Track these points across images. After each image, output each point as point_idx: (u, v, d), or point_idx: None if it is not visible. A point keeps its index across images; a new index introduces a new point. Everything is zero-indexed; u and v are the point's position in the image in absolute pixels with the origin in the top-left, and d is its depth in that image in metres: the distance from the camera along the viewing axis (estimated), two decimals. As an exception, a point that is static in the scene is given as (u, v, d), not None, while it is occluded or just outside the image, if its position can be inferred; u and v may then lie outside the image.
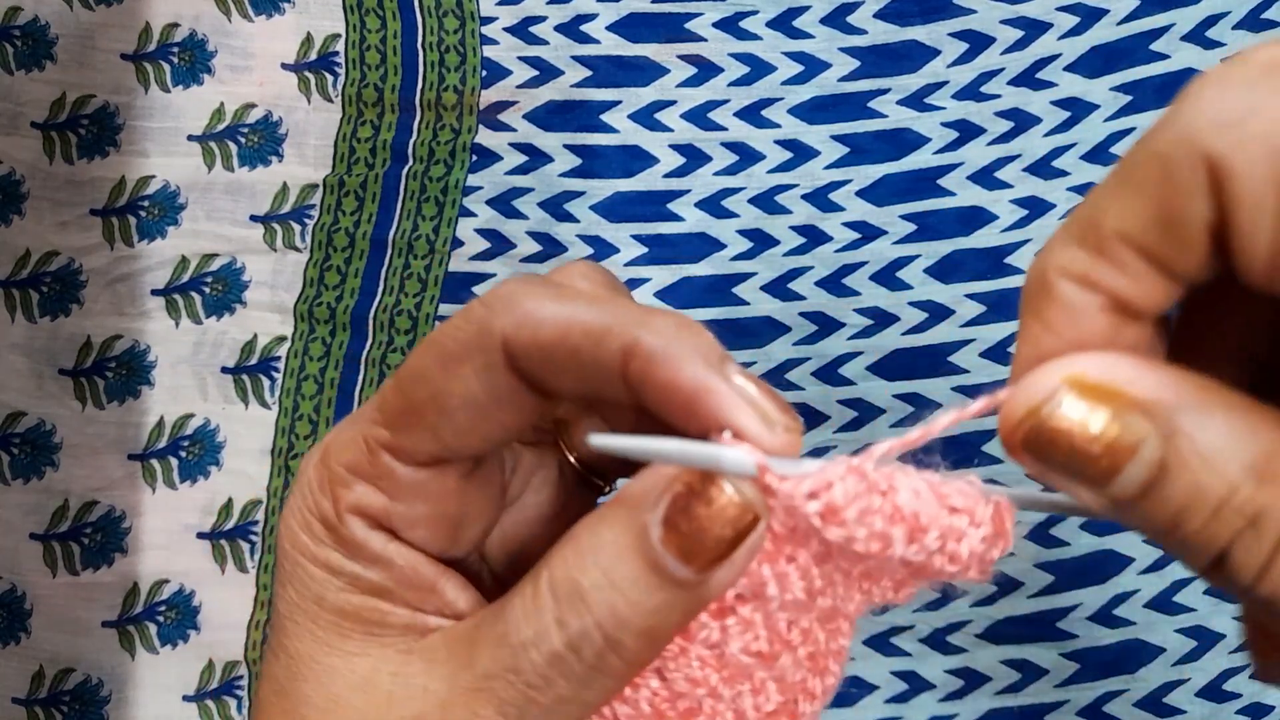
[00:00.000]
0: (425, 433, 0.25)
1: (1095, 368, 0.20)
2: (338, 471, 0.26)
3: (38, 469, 0.54)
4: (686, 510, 0.23)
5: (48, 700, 0.53)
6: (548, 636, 0.23)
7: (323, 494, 0.26)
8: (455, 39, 0.55)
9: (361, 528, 0.26)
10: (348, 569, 0.26)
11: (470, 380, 0.24)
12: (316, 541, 0.26)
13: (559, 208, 0.55)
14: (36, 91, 0.55)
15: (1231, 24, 0.53)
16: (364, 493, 0.26)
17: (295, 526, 0.27)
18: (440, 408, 0.25)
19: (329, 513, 0.26)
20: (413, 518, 0.26)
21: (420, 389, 0.25)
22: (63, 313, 0.54)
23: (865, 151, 0.54)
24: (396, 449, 0.26)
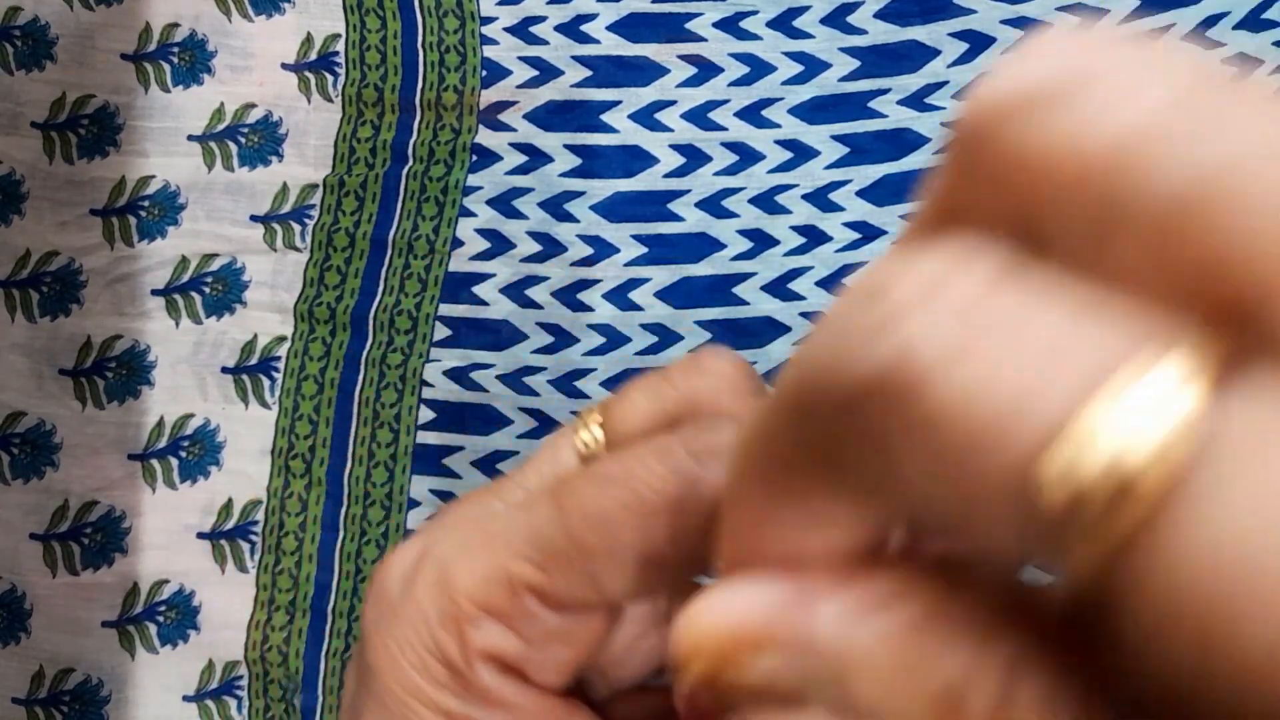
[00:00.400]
0: (589, 581, 0.22)
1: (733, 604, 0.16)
2: (466, 609, 0.23)
3: (37, 469, 0.54)
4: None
5: (48, 700, 0.53)
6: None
7: (445, 633, 0.23)
8: (455, 39, 0.55)
9: (492, 675, 0.23)
10: (470, 716, 0.23)
11: (661, 539, 0.22)
12: (436, 686, 0.23)
13: (559, 208, 0.55)
14: (36, 91, 0.55)
15: (1232, 24, 0.53)
16: (498, 636, 0.23)
17: (407, 666, 0.23)
18: (618, 560, 0.22)
19: (455, 657, 0.23)
20: (549, 664, 0.23)
21: (597, 535, 0.22)
22: (63, 313, 0.54)
23: (866, 152, 0.54)
24: (547, 593, 0.23)
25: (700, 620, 0.16)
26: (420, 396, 0.54)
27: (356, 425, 0.55)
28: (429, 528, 0.26)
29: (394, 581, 0.24)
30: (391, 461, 0.54)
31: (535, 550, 0.22)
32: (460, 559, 0.23)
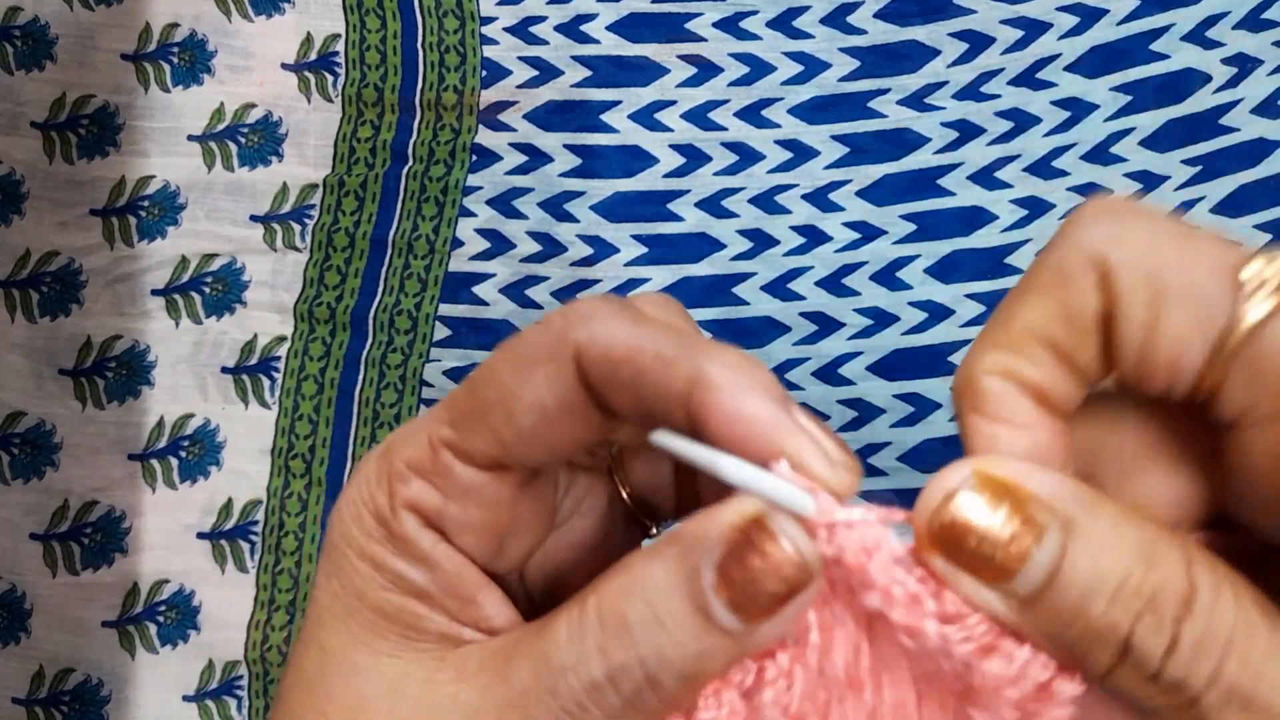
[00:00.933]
0: (489, 433, 0.25)
1: (999, 466, 0.22)
2: (397, 466, 0.26)
3: (38, 469, 0.54)
4: (741, 560, 0.22)
5: (48, 700, 0.53)
6: (589, 664, 0.23)
7: (379, 487, 0.26)
8: (455, 39, 0.55)
9: (414, 524, 0.26)
10: (393, 566, 0.26)
11: (540, 386, 0.25)
12: (366, 535, 0.26)
13: (559, 208, 0.55)
14: (36, 91, 0.55)
15: (1231, 24, 0.53)
16: (420, 489, 0.26)
17: (347, 518, 0.27)
18: (508, 410, 0.25)
19: (383, 506, 0.26)
20: (465, 521, 0.26)
21: (491, 390, 0.25)
22: (63, 313, 0.54)
23: (865, 151, 0.54)
24: (459, 448, 0.26)
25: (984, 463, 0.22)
26: (420, 396, 0.54)
27: (356, 425, 0.55)
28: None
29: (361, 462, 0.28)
30: (391, 461, 0.54)
31: (449, 411, 0.26)
32: (401, 431, 0.27)
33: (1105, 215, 0.23)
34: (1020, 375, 0.23)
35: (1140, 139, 0.53)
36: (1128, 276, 0.22)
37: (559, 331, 0.25)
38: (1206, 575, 0.21)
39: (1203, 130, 0.52)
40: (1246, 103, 0.52)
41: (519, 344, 0.26)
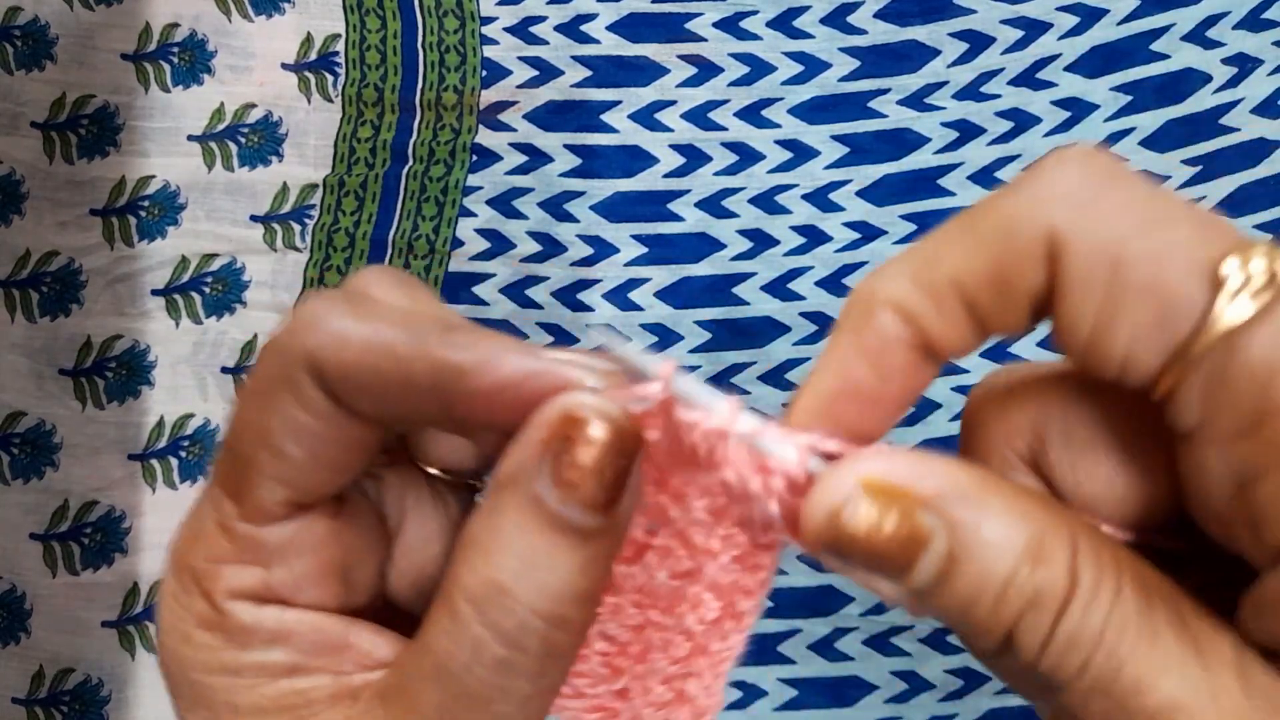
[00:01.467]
0: (268, 481, 0.23)
1: (883, 468, 0.22)
2: (199, 568, 0.24)
3: (38, 469, 0.54)
4: (572, 460, 0.22)
5: (48, 700, 0.53)
6: (485, 646, 0.22)
7: (192, 598, 0.24)
8: (455, 39, 0.55)
9: (248, 609, 0.24)
10: (249, 661, 0.24)
11: (289, 411, 0.23)
12: (203, 649, 0.24)
13: (559, 208, 0.55)
14: (36, 91, 0.54)
15: (1231, 24, 0.53)
16: (233, 573, 0.24)
17: (175, 646, 0.24)
18: (273, 451, 0.23)
19: (204, 612, 0.24)
20: (295, 579, 0.24)
21: (245, 439, 0.23)
22: (63, 313, 0.54)
23: (865, 151, 0.54)
24: (249, 513, 0.24)
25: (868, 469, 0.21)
26: (420, 396, 0.54)
27: (356, 425, 0.55)
28: None
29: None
30: (391, 461, 0.54)
31: (223, 485, 0.24)
32: (180, 539, 0.25)
33: (1073, 179, 0.21)
34: (920, 322, 0.22)
35: (1140, 139, 0.53)
36: (1083, 263, 0.20)
37: (284, 347, 0.23)
38: (1089, 570, 0.21)
39: (1203, 130, 0.52)
40: (1247, 102, 0.52)
41: (251, 379, 0.23)
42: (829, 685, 0.51)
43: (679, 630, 0.25)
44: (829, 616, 0.52)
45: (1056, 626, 0.21)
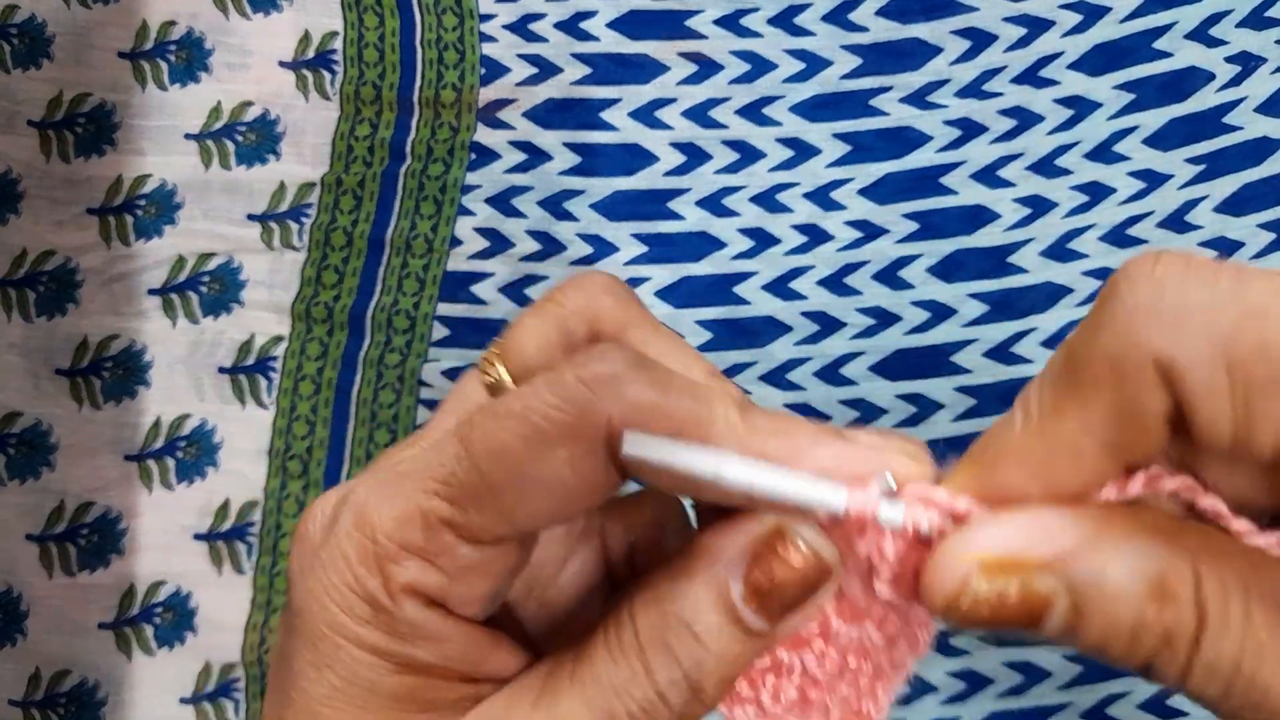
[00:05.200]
0: (498, 515, 0.24)
1: (996, 541, 0.23)
2: (387, 547, 0.24)
3: (34, 469, 0.54)
4: (766, 569, 0.24)
5: (44, 702, 0.53)
6: (639, 682, 0.24)
7: (368, 571, 0.24)
8: (454, 36, 0.55)
9: (416, 609, 0.25)
10: (400, 651, 0.25)
11: (563, 467, 0.23)
12: (361, 623, 0.25)
13: (558, 206, 0.54)
14: (33, 90, 0.54)
15: (1234, 22, 0.53)
16: (418, 570, 0.24)
17: (333, 606, 0.25)
18: (523, 491, 0.23)
19: (377, 592, 0.24)
20: (469, 595, 0.25)
21: (501, 469, 0.23)
22: (59, 312, 0.54)
23: (867, 150, 0.54)
24: (461, 528, 0.24)
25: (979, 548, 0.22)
26: (418, 397, 0.54)
27: (354, 425, 0.54)
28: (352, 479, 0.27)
29: (316, 528, 0.26)
30: (390, 462, 0.54)
31: (446, 487, 0.24)
32: (376, 501, 0.25)
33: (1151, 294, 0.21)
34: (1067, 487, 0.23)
35: (1143, 137, 0.53)
36: (1200, 376, 0.21)
37: (584, 405, 0.23)
38: (1216, 600, 0.21)
39: (1206, 129, 0.52)
40: (1250, 101, 0.52)
41: (534, 417, 0.23)
42: (830, 687, 0.51)
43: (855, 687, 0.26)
44: (830, 618, 0.52)
45: (1192, 661, 0.21)
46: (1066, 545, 0.22)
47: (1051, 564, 0.22)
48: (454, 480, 0.24)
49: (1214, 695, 0.22)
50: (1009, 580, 0.22)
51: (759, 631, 0.24)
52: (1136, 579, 0.22)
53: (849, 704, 0.27)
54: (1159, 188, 0.52)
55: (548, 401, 0.23)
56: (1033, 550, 0.22)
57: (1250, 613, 0.21)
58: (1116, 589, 0.22)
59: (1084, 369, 0.22)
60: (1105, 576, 0.22)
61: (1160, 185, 0.52)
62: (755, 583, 0.24)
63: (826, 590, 0.24)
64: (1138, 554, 0.22)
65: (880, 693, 0.27)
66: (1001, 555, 0.22)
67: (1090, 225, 0.52)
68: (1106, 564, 0.22)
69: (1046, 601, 0.22)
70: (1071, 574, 0.22)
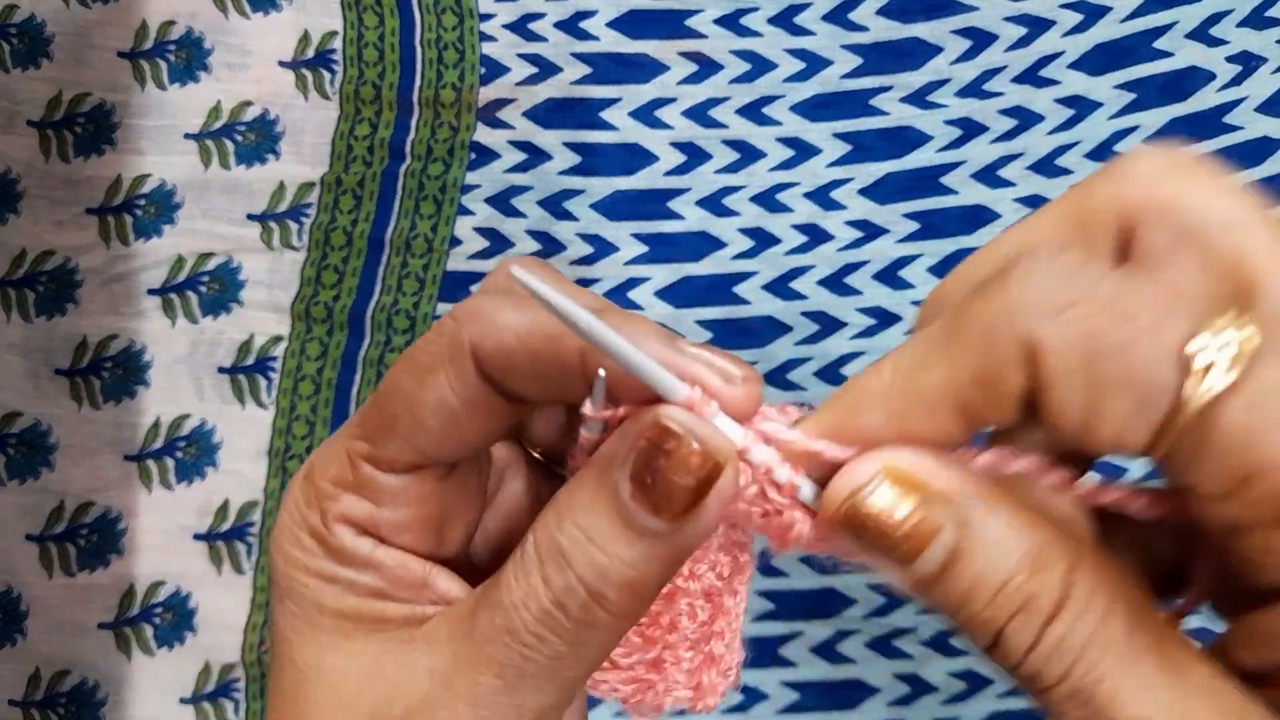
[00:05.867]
0: (402, 442, 0.27)
1: (905, 460, 0.24)
2: (323, 486, 0.28)
3: (34, 469, 0.54)
4: (650, 464, 0.24)
5: (44, 702, 0.53)
6: (535, 594, 0.25)
7: (310, 508, 0.28)
8: (454, 36, 0.55)
9: (350, 535, 0.27)
10: (342, 575, 0.27)
11: (443, 389, 0.26)
12: (308, 554, 0.28)
13: (558, 206, 0.54)
14: (33, 89, 0.54)
15: (1235, 22, 0.53)
16: (349, 503, 0.27)
17: (286, 544, 0.28)
18: (415, 418, 0.26)
19: (317, 525, 0.28)
20: (397, 522, 0.28)
21: (395, 401, 0.27)
22: (59, 312, 0.54)
23: (867, 149, 0.54)
24: (376, 459, 0.27)
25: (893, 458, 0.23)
26: (418, 396, 0.54)
27: (354, 425, 0.54)
28: None
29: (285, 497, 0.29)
30: (389, 462, 0.54)
31: (362, 427, 0.27)
32: (319, 452, 0.28)
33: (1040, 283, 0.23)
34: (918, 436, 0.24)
35: (1144, 137, 0.53)
36: (1058, 365, 0.22)
37: (451, 333, 0.26)
38: (1083, 586, 0.23)
39: (1207, 128, 0.52)
40: (1250, 101, 0.52)
41: (416, 352, 0.27)
42: (831, 688, 0.51)
43: (700, 594, 0.27)
44: (831, 619, 0.52)
45: (1043, 633, 0.23)
46: (966, 489, 0.23)
47: (950, 497, 0.23)
48: (367, 420, 0.27)
49: (1050, 677, 0.23)
50: (906, 497, 0.23)
51: (656, 531, 0.25)
52: (1019, 542, 0.23)
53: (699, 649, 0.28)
54: (1160, 187, 0.52)
55: (426, 338, 0.27)
56: (937, 478, 0.23)
57: (1113, 610, 0.23)
58: (998, 542, 0.23)
59: (960, 332, 0.23)
60: (993, 527, 0.23)
61: (1161, 185, 0.52)
62: (642, 479, 0.24)
63: (724, 486, 0.25)
64: (1027, 523, 0.23)
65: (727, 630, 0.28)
66: (909, 471, 0.24)
67: (1091, 225, 0.52)
68: (997, 518, 0.23)
69: (934, 529, 0.23)
70: (964, 514, 0.23)
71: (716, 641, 0.28)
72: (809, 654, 0.51)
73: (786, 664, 0.51)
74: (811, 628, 0.52)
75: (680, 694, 0.28)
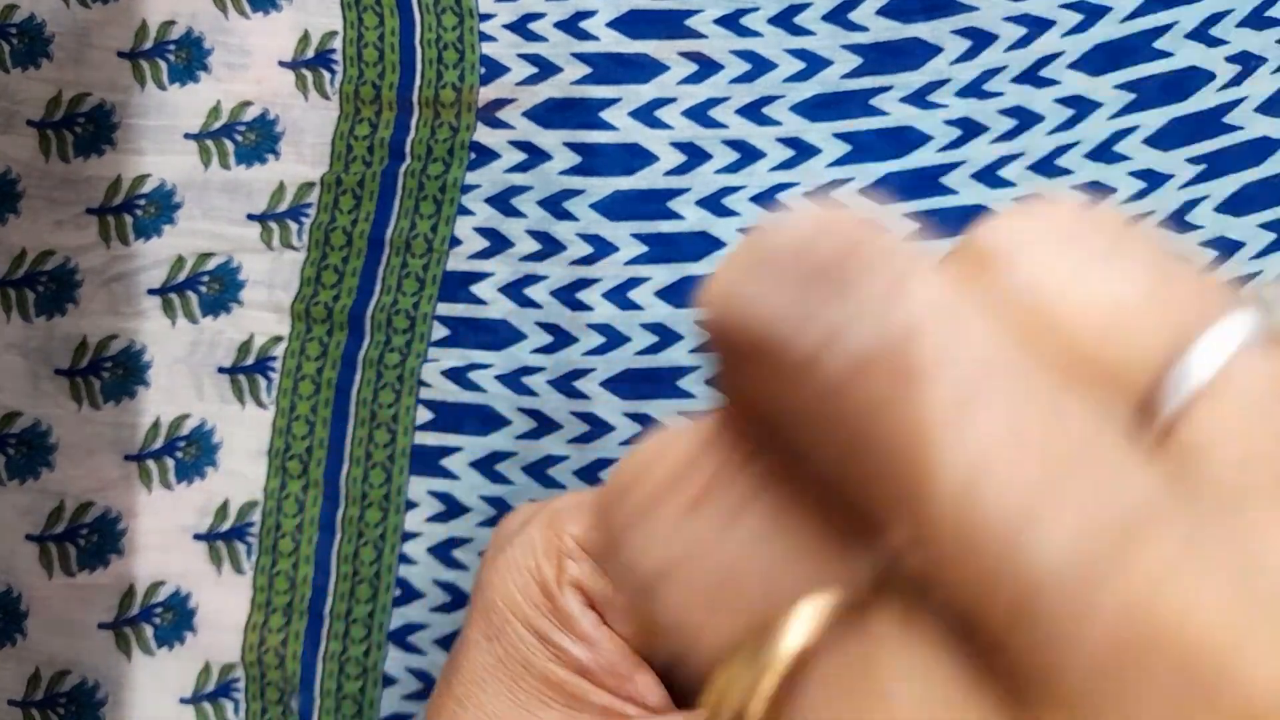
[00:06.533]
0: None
1: None
2: (567, 543, 0.27)
3: (33, 469, 0.54)
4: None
5: (44, 702, 0.53)
6: None
7: (547, 560, 0.27)
8: (453, 36, 0.55)
9: (577, 604, 0.27)
10: (556, 640, 0.27)
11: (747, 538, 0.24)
12: (532, 606, 0.27)
13: (558, 206, 0.54)
14: (32, 89, 0.54)
15: (1235, 21, 0.53)
16: (587, 570, 0.27)
17: (512, 586, 0.27)
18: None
19: (549, 580, 0.27)
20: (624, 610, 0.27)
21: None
22: (59, 312, 0.54)
23: (867, 149, 0.54)
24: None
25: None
26: (418, 397, 0.54)
27: (354, 426, 0.54)
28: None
29: (514, 522, 0.29)
30: (389, 462, 0.54)
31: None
32: (572, 508, 0.28)
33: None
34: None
35: (1144, 137, 0.53)
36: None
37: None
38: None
39: (1207, 128, 0.52)
40: (1250, 101, 0.52)
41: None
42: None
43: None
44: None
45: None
46: None
47: None
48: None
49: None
50: None
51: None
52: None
53: None
54: (1159, 187, 0.52)
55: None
56: None
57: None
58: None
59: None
60: None
61: (1161, 185, 0.52)
62: None
63: None
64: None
65: None
66: None
67: (1091, 225, 0.52)
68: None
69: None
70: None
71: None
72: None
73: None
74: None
75: None
